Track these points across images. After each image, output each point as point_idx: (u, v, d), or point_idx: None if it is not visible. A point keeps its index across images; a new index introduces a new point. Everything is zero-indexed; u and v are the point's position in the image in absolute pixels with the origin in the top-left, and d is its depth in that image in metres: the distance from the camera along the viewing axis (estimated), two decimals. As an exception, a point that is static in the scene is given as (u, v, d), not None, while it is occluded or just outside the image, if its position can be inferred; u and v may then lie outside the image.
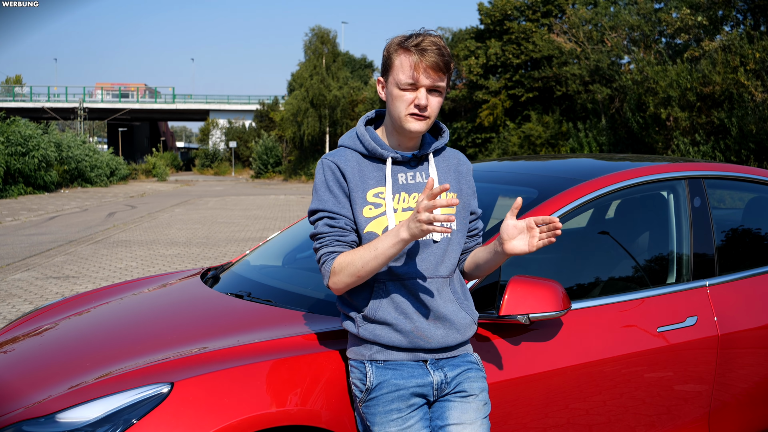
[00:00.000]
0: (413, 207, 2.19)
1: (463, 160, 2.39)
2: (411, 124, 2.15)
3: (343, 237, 2.16)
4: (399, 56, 2.13)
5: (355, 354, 2.24)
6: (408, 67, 2.11)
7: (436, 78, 2.12)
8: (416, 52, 2.10)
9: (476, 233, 2.41)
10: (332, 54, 46.72)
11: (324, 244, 2.16)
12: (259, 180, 52.88)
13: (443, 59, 2.12)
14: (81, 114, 55.20)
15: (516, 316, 2.45)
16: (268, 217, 18.55)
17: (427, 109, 2.14)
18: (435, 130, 2.37)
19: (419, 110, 2.14)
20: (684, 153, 17.95)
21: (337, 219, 2.16)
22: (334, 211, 2.16)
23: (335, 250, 2.14)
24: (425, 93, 2.13)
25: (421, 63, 2.10)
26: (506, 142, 29.53)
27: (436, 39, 2.13)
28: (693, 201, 3.16)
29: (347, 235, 2.16)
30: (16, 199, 26.61)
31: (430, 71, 2.11)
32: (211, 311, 2.92)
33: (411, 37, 2.14)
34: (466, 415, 2.19)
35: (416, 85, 2.13)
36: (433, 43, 2.11)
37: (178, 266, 9.92)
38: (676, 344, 2.87)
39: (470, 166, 2.41)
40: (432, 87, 2.14)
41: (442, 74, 2.13)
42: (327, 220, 2.17)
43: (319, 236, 2.17)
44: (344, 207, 2.17)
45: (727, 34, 18.94)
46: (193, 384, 2.15)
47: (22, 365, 2.64)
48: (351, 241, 2.17)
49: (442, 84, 2.15)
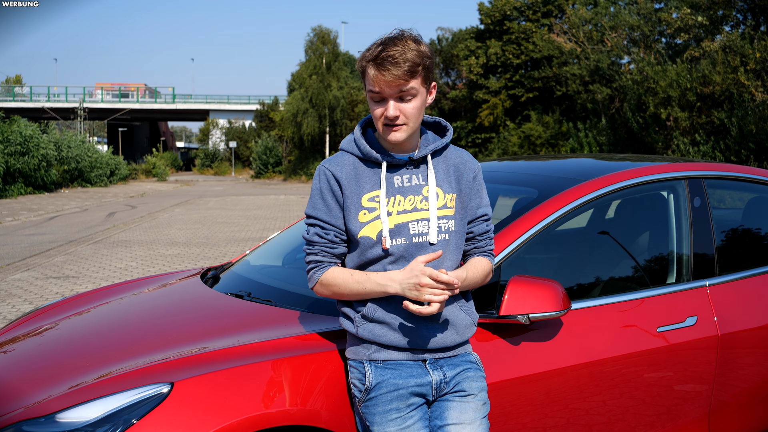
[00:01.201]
0: (408, 209, 2.19)
1: (466, 159, 2.33)
2: (389, 135, 2.16)
3: (332, 249, 2.24)
4: (366, 69, 2.14)
5: (354, 354, 2.24)
6: (372, 81, 2.11)
7: (401, 86, 2.09)
8: (375, 65, 2.09)
9: (483, 236, 2.33)
10: (333, 54, 46.72)
11: (313, 253, 2.25)
12: (259, 180, 52.89)
13: (405, 68, 2.07)
14: (81, 114, 55.20)
15: (516, 316, 2.45)
16: (268, 217, 18.55)
17: (399, 119, 2.13)
18: (440, 128, 2.35)
19: (390, 122, 2.14)
20: (684, 153, 17.95)
21: (327, 231, 2.22)
22: (325, 221, 2.23)
23: (322, 260, 2.24)
24: (393, 103, 2.12)
25: (381, 76, 2.08)
26: (506, 142, 29.54)
27: (400, 46, 2.08)
28: (693, 201, 3.16)
29: (336, 247, 2.24)
30: (16, 199, 26.61)
31: (391, 84, 2.09)
32: (211, 311, 2.92)
33: (374, 47, 2.11)
34: (465, 415, 2.19)
35: (383, 96, 2.12)
36: (395, 53, 2.07)
37: (178, 266, 9.92)
38: (676, 344, 2.87)
39: (475, 166, 2.34)
40: (399, 96, 2.12)
41: (405, 82, 2.09)
42: (318, 230, 2.24)
43: (310, 243, 2.25)
44: (335, 217, 2.22)
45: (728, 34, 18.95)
46: (193, 384, 2.15)
47: (22, 365, 2.64)
48: (340, 253, 2.25)
49: (413, 87, 2.11)
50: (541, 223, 2.76)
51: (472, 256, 2.33)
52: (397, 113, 2.12)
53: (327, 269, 2.23)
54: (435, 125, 2.36)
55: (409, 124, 2.15)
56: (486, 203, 2.34)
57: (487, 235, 2.34)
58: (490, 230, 2.35)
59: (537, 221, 2.75)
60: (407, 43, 2.09)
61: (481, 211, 2.32)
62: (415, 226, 2.18)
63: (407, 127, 2.15)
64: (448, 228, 2.22)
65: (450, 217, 2.23)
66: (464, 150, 2.37)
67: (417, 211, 2.19)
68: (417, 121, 2.16)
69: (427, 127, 2.36)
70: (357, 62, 2.19)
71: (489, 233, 2.35)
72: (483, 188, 2.35)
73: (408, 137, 2.18)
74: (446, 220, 2.21)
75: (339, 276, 2.20)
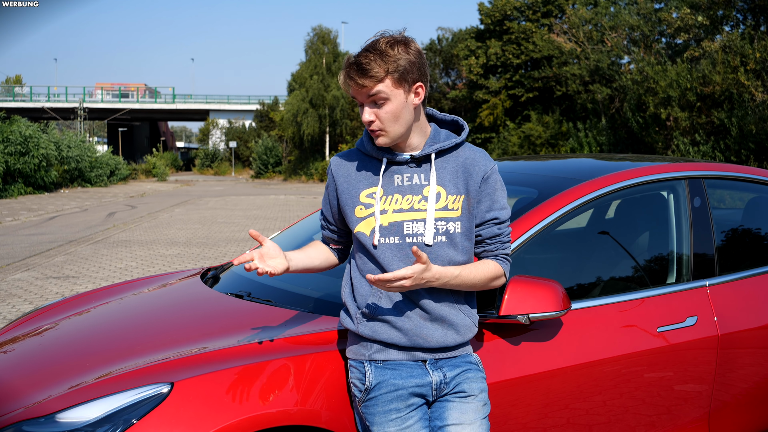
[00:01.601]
0: (405, 208, 2.18)
1: (478, 159, 2.23)
2: (375, 140, 2.19)
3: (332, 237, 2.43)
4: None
5: (354, 354, 2.24)
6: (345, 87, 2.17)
7: (368, 91, 2.10)
8: (344, 72, 2.13)
9: (493, 240, 2.25)
10: (333, 54, 46.72)
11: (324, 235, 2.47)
12: (259, 180, 52.89)
13: (364, 75, 2.07)
14: (81, 114, 55.18)
15: (516, 316, 2.45)
16: (268, 217, 18.55)
17: (374, 123, 2.13)
18: (457, 126, 2.32)
19: (368, 127, 2.15)
20: (684, 153, 17.95)
21: (326, 222, 2.41)
22: (326, 218, 2.40)
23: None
24: (368, 109, 2.13)
25: (349, 84, 2.13)
26: (506, 142, 29.54)
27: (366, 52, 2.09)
28: (693, 201, 3.16)
29: (334, 237, 2.42)
30: (16, 199, 26.61)
31: (357, 89, 2.12)
32: (211, 311, 2.92)
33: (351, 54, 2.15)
34: (466, 416, 2.19)
35: (357, 101, 2.17)
36: (362, 58, 2.08)
37: (178, 266, 9.92)
38: (676, 344, 2.87)
39: (486, 168, 2.23)
40: (370, 101, 2.12)
41: (369, 87, 2.09)
42: (323, 222, 2.43)
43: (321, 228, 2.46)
44: (329, 211, 2.37)
45: (728, 34, 18.95)
46: (193, 384, 2.15)
47: (22, 365, 2.64)
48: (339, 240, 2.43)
49: (381, 90, 2.09)
50: (541, 223, 2.75)
51: (481, 260, 2.28)
52: (372, 117, 2.13)
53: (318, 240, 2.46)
54: (452, 124, 2.33)
55: (386, 128, 2.14)
56: (500, 206, 2.24)
57: (498, 239, 2.26)
58: (502, 234, 2.26)
59: (537, 221, 2.75)
60: (378, 47, 2.09)
61: (491, 215, 2.23)
62: (410, 226, 2.17)
63: (384, 131, 2.14)
64: (449, 230, 2.18)
65: (453, 219, 2.19)
66: (481, 150, 2.28)
67: (413, 211, 2.18)
68: (395, 125, 2.13)
69: (442, 126, 2.33)
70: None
71: (500, 237, 2.26)
72: (497, 191, 2.24)
73: (395, 139, 2.16)
74: (446, 222, 2.18)
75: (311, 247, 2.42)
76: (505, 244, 2.28)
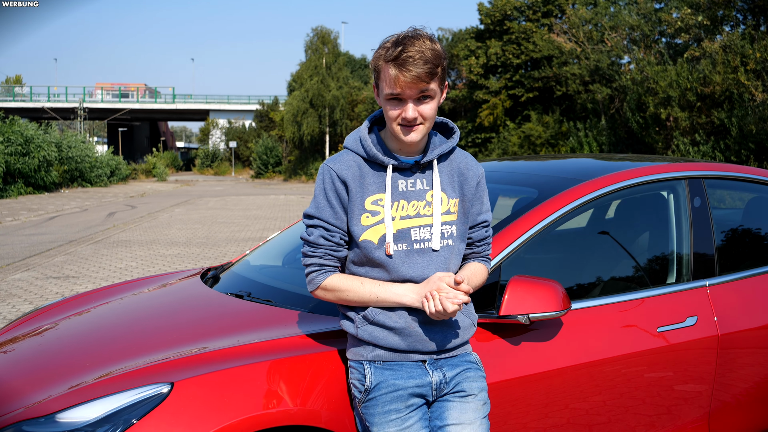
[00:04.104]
0: (411, 215, 2.17)
1: (471, 164, 2.31)
2: (404, 136, 2.12)
3: (337, 252, 2.21)
4: (383, 68, 2.09)
5: (354, 354, 2.24)
6: (391, 81, 2.06)
7: (422, 87, 2.06)
8: (396, 66, 2.03)
9: (481, 242, 2.34)
10: (333, 54, 46.72)
11: (317, 255, 2.21)
12: (259, 180, 52.89)
13: (426, 69, 2.03)
14: (81, 114, 55.19)
15: (516, 316, 2.45)
16: (268, 217, 18.55)
17: (417, 120, 2.10)
18: (446, 129, 2.33)
19: (407, 122, 2.11)
20: (684, 153, 17.95)
21: (333, 233, 2.19)
22: (330, 223, 2.19)
23: (327, 264, 2.21)
24: (412, 105, 2.08)
25: (402, 77, 2.03)
26: (506, 142, 29.54)
27: (418, 46, 2.03)
28: (693, 201, 3.16)
29: (340, 250, 2.22)
30: (16, 199, 26.61)
31: (412, 84, 2.05)
32: (211, 311, 2.91)
33: (392, 47, 2.06)
34: (465, 415, 2.19)
35: (401, 97, 2.08)
36: (415, 53, 2.02)
37: (178, 266, 9.92)
38: (676, 344, 2.87)
39: (479, 172, 2.31)
40: (419, 96, 2.08)
41: (426, 83, 2.06)
42: (323, 232, 2.19)
43: (312, 245, 2.21)
44: (340, 219, 2.19)
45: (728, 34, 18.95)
46: (193, 384, 2.15)
47: (22, 365, 2.64)
48: (342, 257, 2.23)
49: (432, 88, 2.08)
50: (541, 223, 2.76)
51: (469, 261, 2.33)
52: (416, 115, 2.09)
53: (330, 274, 2.21)
54: (442, 126, 2.33)
55: (426, 125, 2.13)
56: (487, 209, 2.34)
57: (485, 241, 2.35)
58: (488, 236, 2.36)
59: (537, 221, 2.75)
60: (425, 42, 2.05)
61: (482, 218, 2.32)
62: (417, 232, 2.17)
63: (423, 127, 2.13)
64: (451, 233, 2.21)
65: (452, 223, 2.22)
66: (468, 153, 2.35)
67: (420, 217, 2.18)
68: (432, 121, 2.15)
69: (433, 128, 2.34)
70: (371, 61, 2.15)
71: (487, 239, 2.36)
72: (485, 194, 2.34)
73: (424, 136, 2.16)
74: (449, 226, 2.21)
75: (347, 283, 2.18)
76: (489, 246, 2.39)
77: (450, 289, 2.08)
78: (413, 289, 2.14)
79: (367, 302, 2.17)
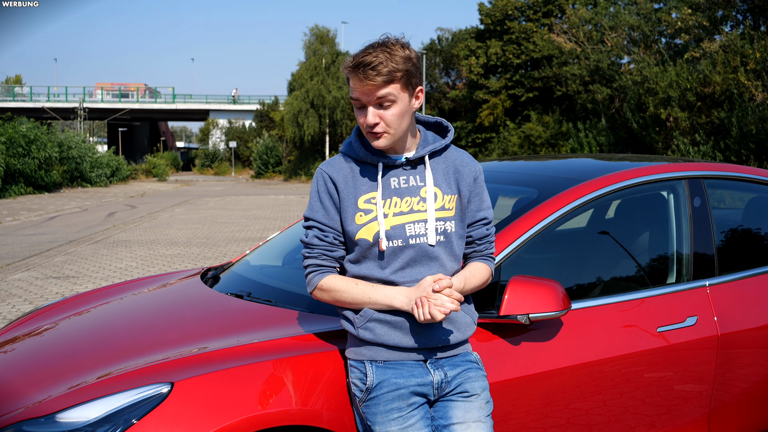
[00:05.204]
0: (405, 211, 2.19)
1: (467, 161, 2.32)
2: (372, 142, 2.16)
3: (331, 252, 2.24)
4: (348, 76, 2.14)
5: (355, 354, 2.24)
6: (352, 88, 2.13)
7: (377, 92, 2.09)
8: (353, 72, 2.09)
9: (482, 240, 2.33)
10: (332, 54, 46.69)
11: (312, 256, 2.25)
12: (259, 180, 52.89)
13: (376, 75, 2.06)
14: (81, 114, 55.18)
15: (516, 316, 2.45)
16: (268, 217, 18.55)
17: (378, 126, 2.13)
18: (441, 128, 2.34)
19: (369, 128, 2.14)
20: (684, 153, 17.96)
21: (326, 233, 2.23)
22: (323, 224, 2.24)
23: (323, 264, 2.24)
24: (372, 110, 2.11)
25: (359, 83, 2.09)
26: (506, 142, 29.56)
27: (376, 53, 2.07)
28: (693, 201, 3.16)
29: (335, 250, 2.24)
30: (16, 199, 26.61)
31: (368, 91, 2.08)
32: (211, 311, 2.91)
33: (353, 55, 2.12)
34: (470, 414, 2.20)
35: (362, 103, 2.13)
36: (371, 60, 2.06)
37: (178, 266, 9.92)
38: (676, 344, 2.87)
39: (475, 168, 2.31)
40: (376, 102, 2.11)
41: (380, 88, 2.08)
42: (317, 232, 2.24)
43: (309, 246, 2.25)
44: (333, 219, 2.23)
45: (727, 34, 18.95)
46: (193, 384, 2.15)
47: (22, 365, 2.64)
48: (338, 256, 2.26)
49: (391, 93, 2.10)
50: (541, 223, 2.76)
51: (471, 260, 2.33)
52: (377, 120, 2.12)
53: (327, 275, 2.23)
54: (436, 125, 2.35)
55: (390, 131, 2.14)
56: (486, 206, 2.33)
57: (486, 239, 2.34)
58: (490, 234, 2.34)
59: (537, 221, 2.75)
60: (387, 48, 2.09)
61: (480, 215, 2.31)
62: (411, 227, 2.19)
63: (388, 134, 2.15)
64: (447, 229, 2.21)
65: (449, 219, 2.23)
66: (465, 151, 2.36)
67: (414, 213, 2.19)
68: (399, 127, 2.15)
69: (428, 128, 2.36)
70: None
71: (489, 237, 2.34)
72: (484, 191, 2.33)
73: (394, 142, 2.18)
74: (444, 222, 2.21)
75: (341, 283, 2.21)
76: (492, 244, 2.36)
77: (438, 296, 2.08)
78: (405, 292, 2.15)
79: (360, 303, 2.19)
